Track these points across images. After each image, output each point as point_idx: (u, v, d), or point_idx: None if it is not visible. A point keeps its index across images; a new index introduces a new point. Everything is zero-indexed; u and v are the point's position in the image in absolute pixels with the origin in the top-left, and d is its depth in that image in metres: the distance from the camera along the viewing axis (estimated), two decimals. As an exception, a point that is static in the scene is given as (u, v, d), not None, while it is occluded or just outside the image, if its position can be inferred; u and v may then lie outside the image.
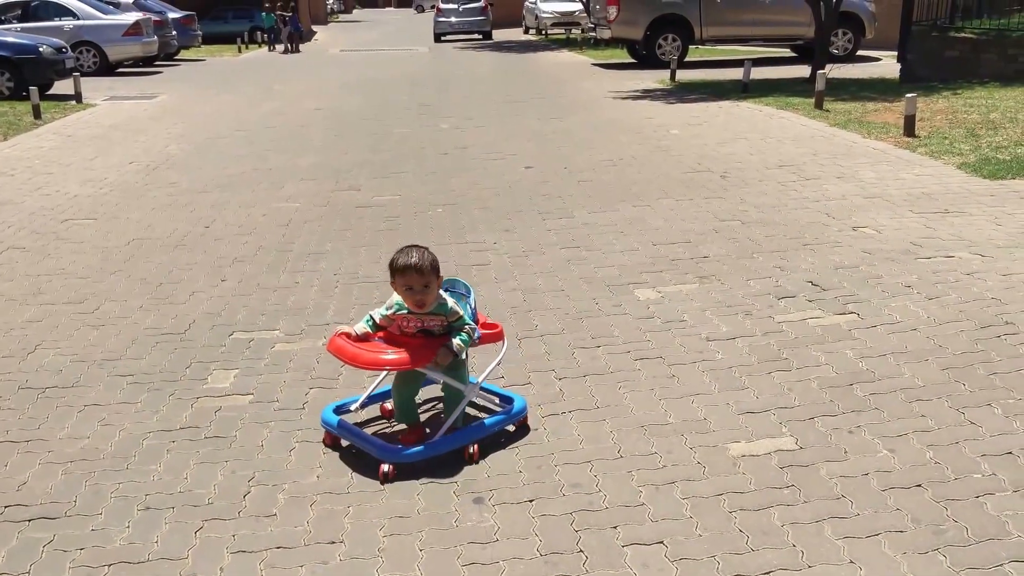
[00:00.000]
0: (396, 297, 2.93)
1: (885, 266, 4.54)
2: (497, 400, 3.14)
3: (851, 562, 2.24)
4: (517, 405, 3.05)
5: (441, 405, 3.14)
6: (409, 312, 2.89)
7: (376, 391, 3.20)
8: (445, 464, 2.81)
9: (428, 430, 3.00)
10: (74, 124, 11.23)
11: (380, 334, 2.95)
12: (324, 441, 2.99)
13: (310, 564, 2.34)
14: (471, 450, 2.87)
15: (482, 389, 3.08)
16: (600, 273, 4.70)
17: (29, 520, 2.57)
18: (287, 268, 4.99)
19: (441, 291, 2.92)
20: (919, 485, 2.55)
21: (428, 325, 2.91)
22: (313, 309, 4.31)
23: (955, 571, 2.19)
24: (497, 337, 3.09)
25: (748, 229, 5.41)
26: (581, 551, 2.35)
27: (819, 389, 3.21)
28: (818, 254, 4.83)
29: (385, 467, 2.76)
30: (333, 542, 2.43)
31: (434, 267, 2.84)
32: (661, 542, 2.36)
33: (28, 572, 2.34)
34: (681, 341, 3.74)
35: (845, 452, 2.76)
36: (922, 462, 2.67)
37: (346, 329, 2.95)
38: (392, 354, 2.84)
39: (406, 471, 2.77)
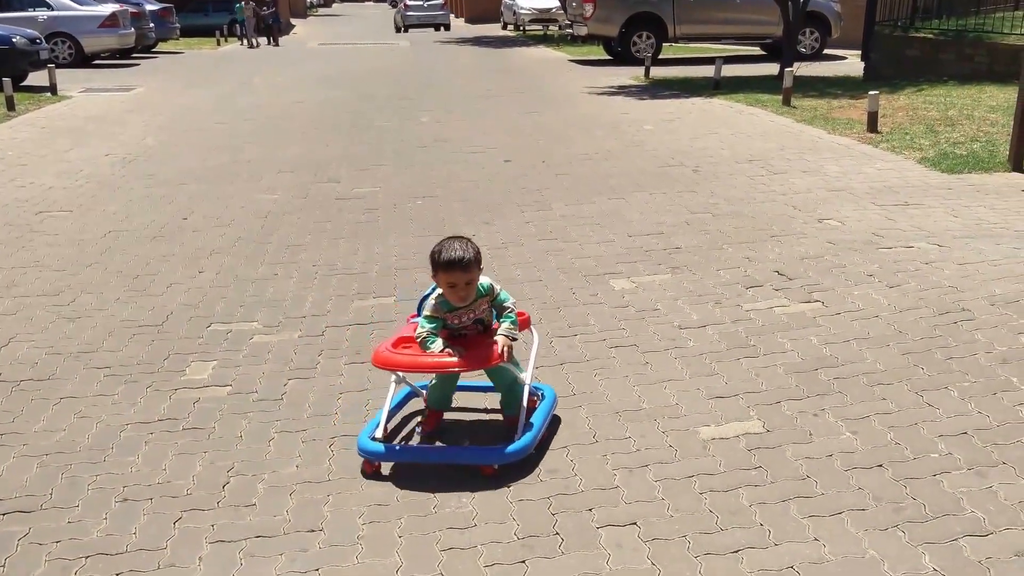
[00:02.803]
0: (436, 293, 2.77)
1: (848, 256, 4.61)
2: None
3: (816, 539, 2.28)
4: (549, 395, 2.99)
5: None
6: (457, 308, 2.73)
7: (395, 402, 2.97)
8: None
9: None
10: (48, 116, 11.03)
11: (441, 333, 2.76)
12: (364, 471, 2.72)
13: (290, 552, 2.33)
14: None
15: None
16: (577, 264, 4.72)
17: (3, 514, 2.53)
18: (265, 260, 4.95)
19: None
20: (880, 465, 2.60)
21: (480, 313, 2.78)
22: (291, 301, 4.28)
23: (913, 546, 2.24)
24: (525, 324, 2.94)
25: (718, 221, 5.46)
26: (557, 533, 2.37)
27: (785, 374, 3.25)
28: (785, 245, 4.88)
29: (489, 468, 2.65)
30: (312, 530, 2.43)
31: (478, 259, 2.68)
32: (634, 523, 2.39)
33: (3, 566, 2.30)
34: (654, 329, 3.77)
35: (810, 434, 2.80)
36: (883, 443, 2.73)
37: (388, 343, 2.77)
38: (470, 356, 2.67)
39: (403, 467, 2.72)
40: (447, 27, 34.24)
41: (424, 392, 3.03)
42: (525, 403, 2.78)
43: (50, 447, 2.91)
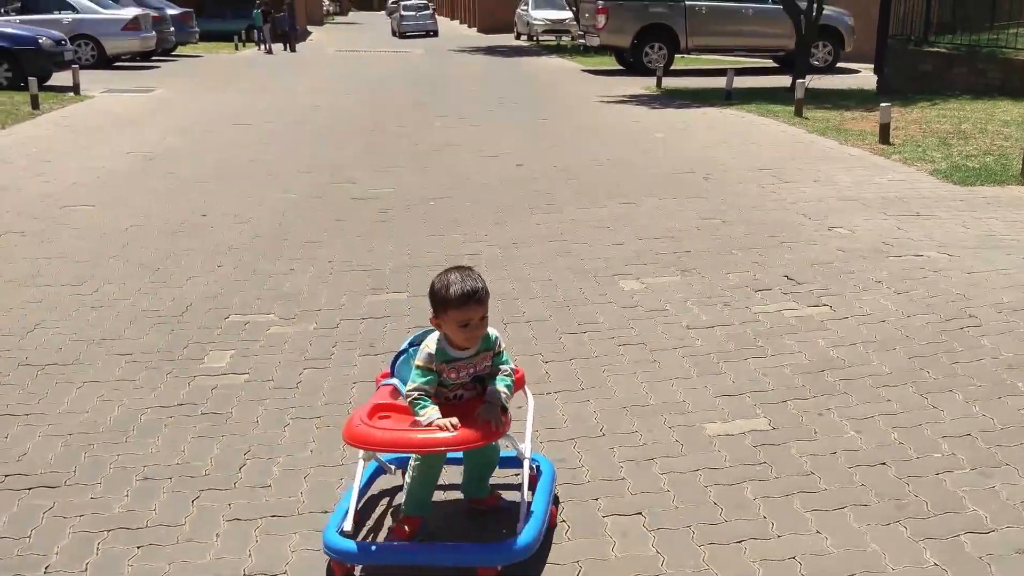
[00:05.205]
0: (430, 342, 2.26)
1: (858, 263, 4.64)
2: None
3: (818, 532, 2.32)
4: (547, 469, 2.48)
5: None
6: (456, 360, 2.25)
7: (364, 480, 2.44)
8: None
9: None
10: (72, 115, 11.19)
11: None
12: (331, 573, 2.23)
13: (303, 531, 2.38)
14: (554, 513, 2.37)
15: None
16: (587, 265, 4.76)
17: (30, 488, 2.61)
18: (282, 256, 5.02)
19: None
20: (883, 463, 2.63)
21: (480, 369, 2.29)
22: (307, 295, 4.34)
23: (915, 541, 2.27)
24: (519, 383, 2.41)
25: (729, 227, 5.50)
26: (563, 521, 2.41)
27: (792, 375, 3.29)
28: (794, 251, 4.91)
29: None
30: (326, 511, 2.47)
31: (488, 292, 2.23)
32: (640, 513, 2.43)
33: (29, 537, 2.37)
34: (663, 329, 3.81)
35: (815, 432, 2.84)
36: (887, 442, 2.76)
37: (363, 412, 2.25)
38: (463, 429, 2.13)
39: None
40: (435, 34, 38.33)
41: (394, 469, 2.51)
42: (527, 481, 2.30)
43: (74, 427, 2.98)
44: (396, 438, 2.17)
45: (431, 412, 2.15)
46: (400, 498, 2.42)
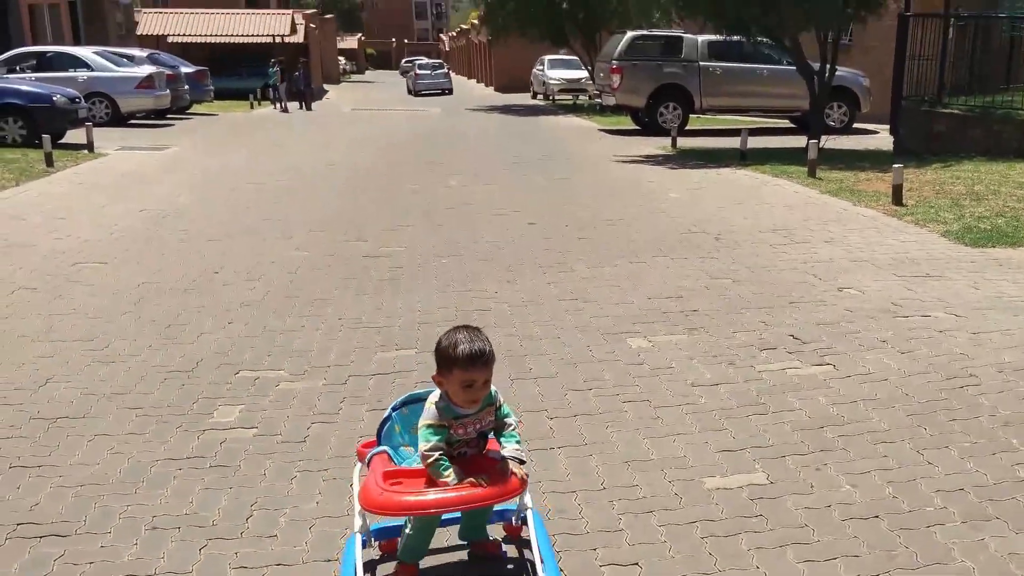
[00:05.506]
0: (433, 400, 2.37)
1: (864, 323, 4.81)
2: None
3: (809, 582, 2.45)
4: (535, 517, 2.48)
5: None
6: (463, 416, 2.35)
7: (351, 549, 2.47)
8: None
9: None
10: (86, 172, 11.55)
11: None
12: None
13: (309, 579, 2.54)
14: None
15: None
16: (595, 323, 4.95)
17: (40, 537, 2.76)
18: (293, 313, 5.23)
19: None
20: (876, 516, 2.78)
21: (484, 425, 2.40)
22: (317, 351, 4.54)
23: (904, 591, 2.40)
24: (519, 489, 2.37)
25: (738, 287, 5.69)
26: (562, 570, 2.55)
27: (792, 431, 3.45)
28: (802, 311, 5.10)
29: None
30: (329, 559, 2.63)
31: (494, 353, 2.35)
32: (636, 563, 2.57)
33: (40, 582, 2.53)
34: (667, 386, 3.98)
35: (811, 486, 2.99)
36: (881, 496, 2.90)
37: (378, 478, 2.30)
38: (495, 485, 2.24)
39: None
40: (450, 91, 39.74)
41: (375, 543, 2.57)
42: (535, 534, 2.36)
43: (84, 479, 3.14)
44: (439, 499, 2.21)
45: (455, 471, 2.25)
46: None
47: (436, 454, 2.27)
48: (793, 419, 3.55)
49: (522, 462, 2.33)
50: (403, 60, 68.86)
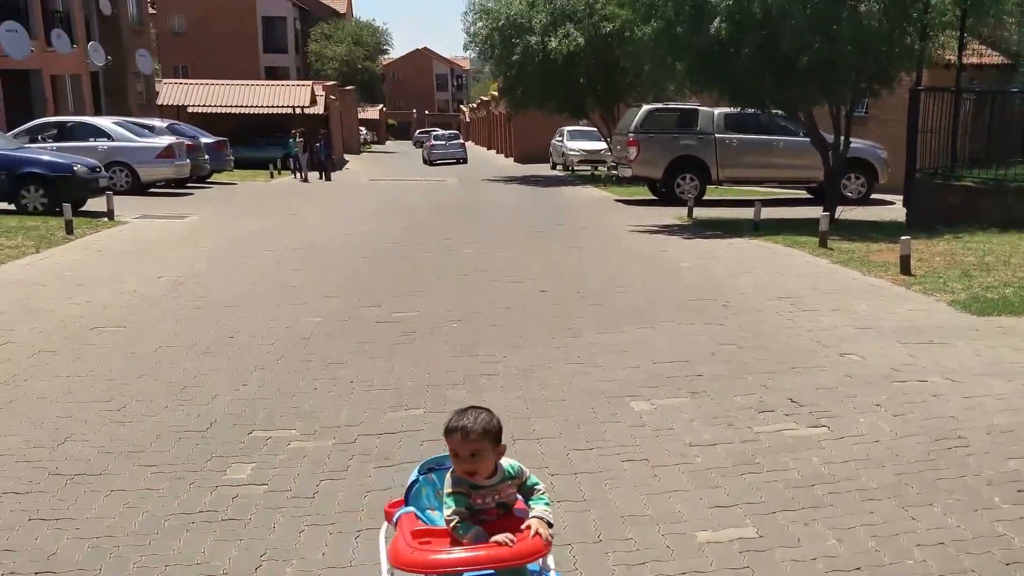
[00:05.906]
0: (452, 468, 2.59)
1: (862, 388, 5.03)
2: None
3: (789, 626, 2.63)
4: None
5: None
6: (480, 487, 2.54)
7: None
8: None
9: None
10: (105, 239, 11.98)
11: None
12: None
13: (316, 624, 2.74)
14: None
15: None
16: (600, 386, 5.19)
17: (58, 584, 2.99)
18: (306, 375, 5.49)
19: (503, 461, 2.60)
20: (858, 568, 2.98)
21: (504, 497, 2.59)
22: (328, 412, 4.79)
23: (879, 635, 2.58)
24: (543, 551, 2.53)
25: (742, 352, 5.92)
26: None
27: (784, 489, 3.66)
28: (803, 375, 5.32)
29: None
30: (336, 606, 2.84)
31: (487, 432, 2.51)
32: (627, 610, 2.76)
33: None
34: (667, 446, 4.20)
35: (798, 540, 3.19)
36: (864, 550, 3.11)
37: (407, 538, 2.44)
38: (508, 547, 2.37)
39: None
40: (464, 160, 41.39)
41: None
42: None
43: (100, 531, 3.37)
44: (466, 557, 2.35)
45: (476, 531, 2.44)
46: None
47: (456, 519, 2.48)
48: (786, 477, 3.76)
49: (550, 524, 2.50)
50: (417, 131, 70.69)
